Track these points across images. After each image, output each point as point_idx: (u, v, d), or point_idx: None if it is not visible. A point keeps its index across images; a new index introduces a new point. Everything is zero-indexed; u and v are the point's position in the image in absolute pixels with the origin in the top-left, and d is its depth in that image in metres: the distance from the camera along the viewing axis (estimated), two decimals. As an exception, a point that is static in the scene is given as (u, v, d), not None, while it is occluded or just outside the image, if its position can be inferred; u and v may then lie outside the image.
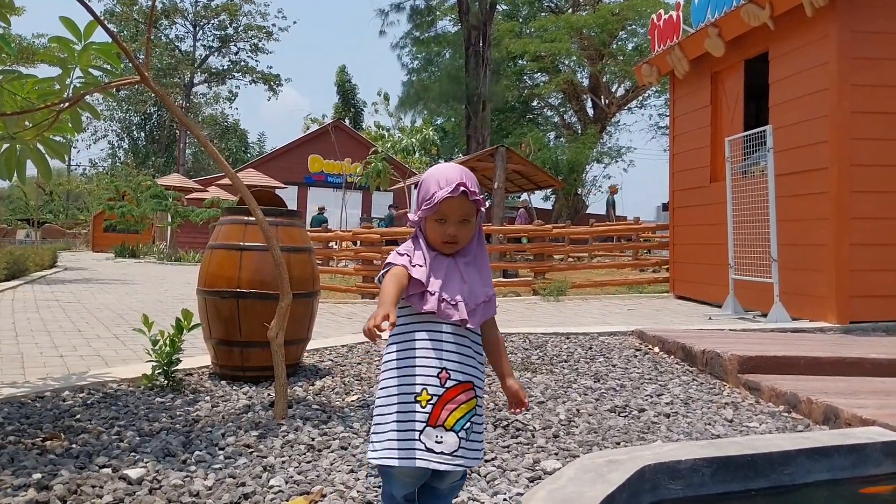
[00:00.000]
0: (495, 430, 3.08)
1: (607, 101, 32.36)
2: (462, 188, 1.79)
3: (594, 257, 15.74)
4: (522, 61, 32.37)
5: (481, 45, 24.08)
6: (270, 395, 3.56)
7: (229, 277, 3.83)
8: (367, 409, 3.38)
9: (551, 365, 4.51)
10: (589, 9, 32.00)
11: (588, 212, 31.65)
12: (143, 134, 50.79)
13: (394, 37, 62.52)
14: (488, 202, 15.30)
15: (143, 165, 45.04)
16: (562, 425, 3.17)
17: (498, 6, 27.52)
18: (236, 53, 47.99)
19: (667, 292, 9.79)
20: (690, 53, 8.50)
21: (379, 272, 1.87)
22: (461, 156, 24.90)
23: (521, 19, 33.73)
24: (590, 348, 5.07)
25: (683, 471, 2.46)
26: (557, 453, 2.77)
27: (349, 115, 45.41)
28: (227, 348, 3.88)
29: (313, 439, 2.87)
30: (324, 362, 4.44)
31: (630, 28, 30.07)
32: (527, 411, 3.31)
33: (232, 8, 46.10)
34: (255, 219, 3.27)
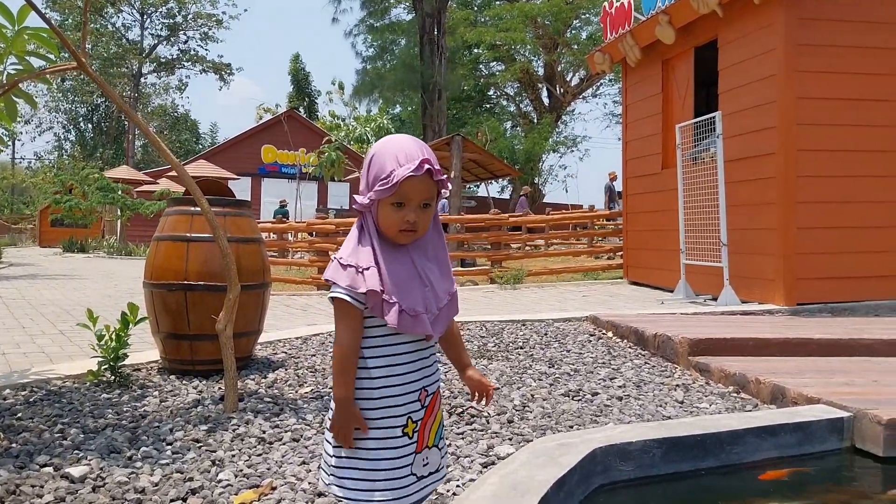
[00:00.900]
0: (450, 417, 3.07)
1: (563, 89, 32.60)
2: (427, 165, 1.53)
3: (551, 245, 15.88)
4: (478, 50, 32.40)
5: (436, 33, 23.97)
6: (221, 388, 3.49)
7: (176, 270, 3.73)
8: (320, 400, 3.34)
9: (507, 352, 4.53)
10: (543, -3, 32.14)
11: (545, 200, 31.91)
12: (90, 125, 49.37)
13: (347, 24, 61.89)
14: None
15: (92, 158, 43.85)
16: (516, 411, 3.18)
17: (452, -6, 27.45)
18: (186, 42, 46.95)
19: (621, 278, 9.92)
20: (642, 41, 8.58)
21: (326, 270, 1.62)
22: (418, 145, 24.71)
23: (475, 7, 33.68)
24: (545, 334, 5.10)
25: (634, 452, 2.49)
26: (511, 438, 2.78)
27: (304, 104, 44.82)
28: (176, 342, 3.79)
29: (264, 432, 2.83)
30: (277, 354, 4.38)
31: (584, 17, 30.29)
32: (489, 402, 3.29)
33: (180, -5, 45.07)
34: (200, 209, 3.19)
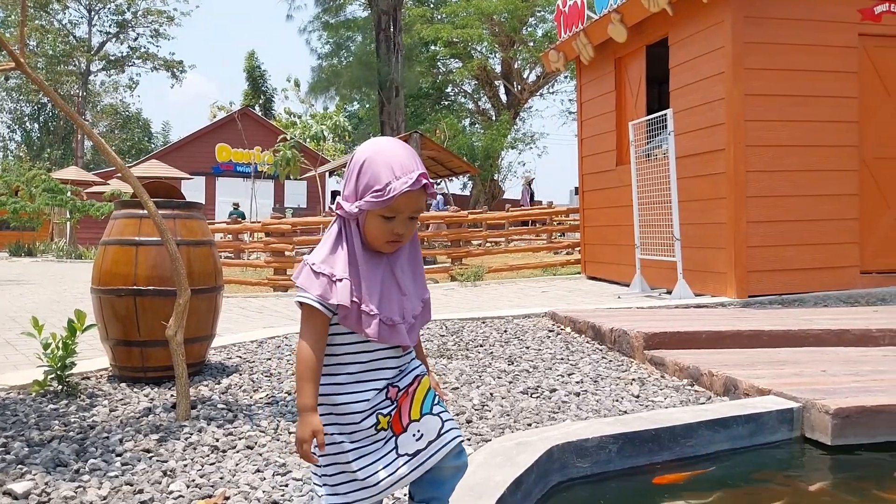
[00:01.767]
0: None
1: (520, 86, 32.76)
2: (424, 180, 1.51)
3: (510, 242, 15.96)
4: (435, 47, 32.32)
5: (392, 29, 23.82)
6: (173, 395, 3.41)
7: (125, 275, 3.63)
8: (275, 405, 3.29)
9: (467, 350, 4.52)
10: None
11: (505, 197, 32.06)
12: (36, 125, 47.93)
13: (302, 21, 61.13)
14: None
15: (39, 158, 42.56)
16: (475, 410, 3.18)
17: (408, -9, 27.34)
18: (136, 39, 45.79)
19: (579, 273, 10.02)
20: (595, 39, 8.66)
21: (294, 271, 1.59)
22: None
23: (431, 4, 33.64)
24: (505, 331, 5.12)
25: (591, 448, 2.50)
26: (470, 439, 2.77)
27: (259, 101, 44.19)
28: (126, 349, 3.69)
29: (217, 440, 2.77)
30: (231, 359, 4.30)
31: (539, 14, 30.49)
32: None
33: (129, -9, 43.95)
34: (147, 212, 3.10)
